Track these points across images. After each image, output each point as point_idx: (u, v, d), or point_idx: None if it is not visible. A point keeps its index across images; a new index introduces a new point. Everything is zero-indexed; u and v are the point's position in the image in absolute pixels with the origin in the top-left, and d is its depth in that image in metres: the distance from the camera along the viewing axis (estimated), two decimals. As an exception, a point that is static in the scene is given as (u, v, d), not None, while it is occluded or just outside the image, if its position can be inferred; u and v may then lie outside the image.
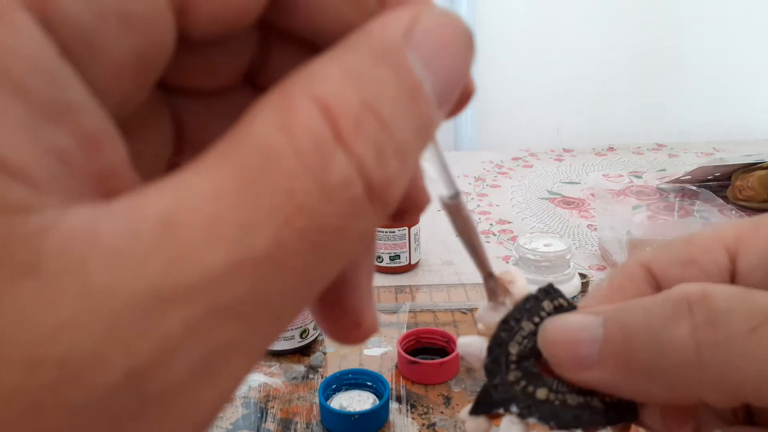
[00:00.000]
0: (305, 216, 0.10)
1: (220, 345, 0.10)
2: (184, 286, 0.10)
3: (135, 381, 0.09)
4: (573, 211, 0.86)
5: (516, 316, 0.22)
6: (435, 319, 0.57)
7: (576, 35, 1.27)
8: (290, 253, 0.10)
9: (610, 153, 1.13)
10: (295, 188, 0.10)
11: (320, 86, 0.11)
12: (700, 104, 1.30)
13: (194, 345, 0.10)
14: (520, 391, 0.20)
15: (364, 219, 0.11)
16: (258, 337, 0.11)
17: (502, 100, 1.29)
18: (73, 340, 0.09)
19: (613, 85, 1.30)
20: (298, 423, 0.44)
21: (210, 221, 0.10)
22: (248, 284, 0.10)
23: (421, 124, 0.12)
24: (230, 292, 0.10)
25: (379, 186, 0.11)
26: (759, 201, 0.80)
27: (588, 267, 0.69)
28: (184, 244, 0.10)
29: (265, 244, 0.10)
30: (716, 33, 1.26)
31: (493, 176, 1.01)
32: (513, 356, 0.21)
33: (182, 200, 0.10)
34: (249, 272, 0.10)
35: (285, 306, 0.11)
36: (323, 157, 0.11)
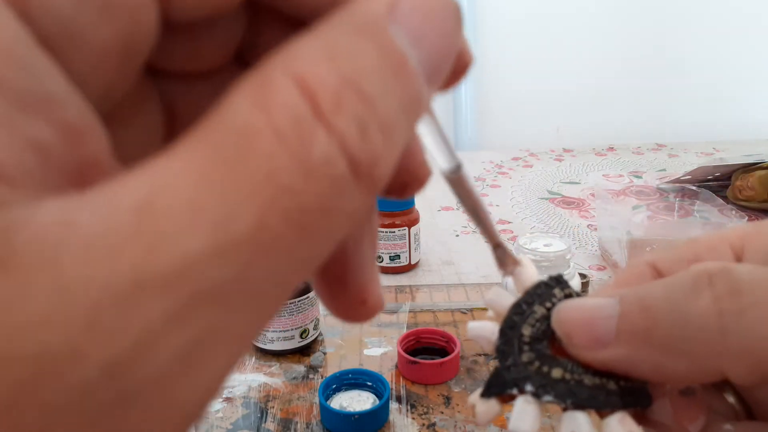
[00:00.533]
0: (288, 196, 0.10)
1: (204, 333, 0.10)
2: (164, 273, 0.09)
3: (114, 375, 0.09)
4: (573, 211, 0.86)
5: (528, 300, 0.22)
6: (435, 319, 0.57)
7: (576, 35, 1.27)
8: (274, 236, 0.10)
9: (610, 153, 1.13)
10: (275, 168, 0.10)
11: (299, 63, 0.11)
12: (700, 104, 1.30)
13: (176, 334, 0.10)
14: (534, 371, 0.20)
15: (350, 198, 0.11)
16: (244, 323, 0.11)
17: (502, 100, 1.29)
18: (47, 334, 0.09)
19: (613, 85, 1.30)
20: (298, 423, 0.44)
21: (188, 206, 0.10)
22: (231, 269, 0.10)
23: (408, 99, 0.12)
24: (212, 277, 0.10)
25: (364, 163, 0.11)
26: (759, 201, 0.80)
27: (588, 267, 0.69)
28: (162, 230, 0.09)
29: (247, 226, 0.10)
30: (716, 33, 1.26)
31: (493, 176, 1.01)
32: (526, 338, 0.21)
33: (158, 186, 0.10)
34: (231, 256, 0.10)
35: (272, 291, 0.11)
36: (303, 135, 0.10)
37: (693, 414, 0.20)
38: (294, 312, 0.51)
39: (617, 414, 0.20)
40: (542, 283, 0.22)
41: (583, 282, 0.58)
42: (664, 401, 0.20)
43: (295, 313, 0.51)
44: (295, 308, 0.51)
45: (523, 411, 0.20)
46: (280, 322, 0.51)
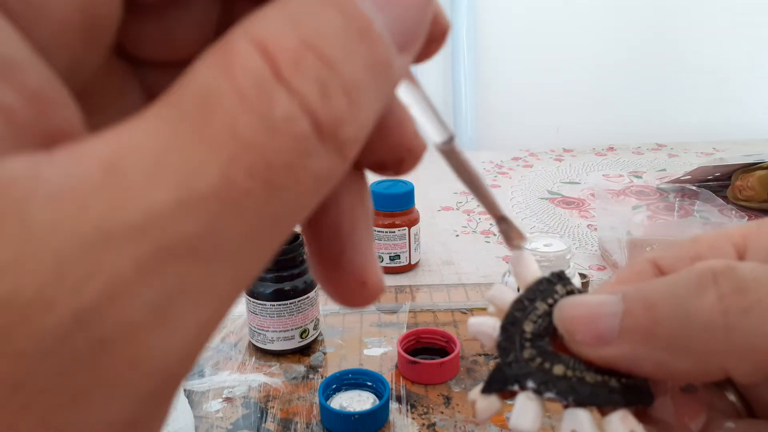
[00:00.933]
0: (253, 152, 0.10)
1: (175, 286, 0.10)
2: (130, 224, 0.09)
3: (83, 323, 0.09)
4: (573, 211, 0.86)
5: (530, 297, 0.21)
6: (435, 319, 0.57)
7: (576, 35, 1.27)
8: (241, 191, 0.10)
9: (610, 153, 1.13)
10: (238, 125, 0.10)
11: (260, 29, 0.11)
12: (700, 104, 1.30)
13: (145, 285, 0.10)
14: (536, 368, 0.20)
15: (316, 158, 0.11)
16: (220, 280, 0.11)
17: (502, 100, 1.30)
18: (15, 281, 0.09)
19: (613, 85, 1.30)
20: (298, 423, 0.44)
21: (153, 162, 0.10)
22: (198, 223, 0.10)
23: (374, 63, 0.12)
24: (179, 230, 0.10)
25: (327, 124, 0.11)
26: (759, 201, 0.80)
27: (588, 267, 0.69)
28: (128, 183, 0.10)
29: (212, 181, 0.10)
30: (716, 33, 1.26)
31: (493, 176, 1.01)
32: (527, 334, 0.21)
33: (125, 145, 0.10)
34: (198, 210, 0.10)
35: (244, 248, 0.11)
36: (265, 94, 0.11)
37: (694, 411, 0.20)
38: (294, 312, 0.51)
39: (619, 411, 0.20)
40: (544, 279, 0.22)
41: (583, 282, 0.58)
42: (666, 399, 0.20)
43: (295, 313, 0.51)
44: (295, 308, 0.51)
45: (525, 407, 0.20)
46: (280, 322, 0.51)
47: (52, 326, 0.09)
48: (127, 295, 0.09)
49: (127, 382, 0.10)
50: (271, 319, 0.51)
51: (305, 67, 0.11)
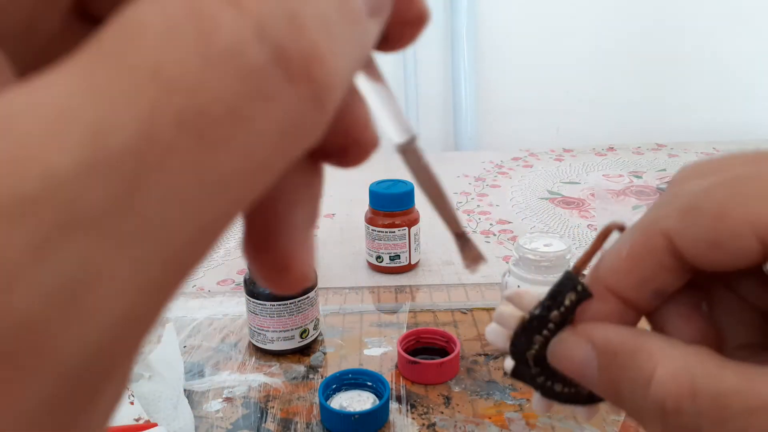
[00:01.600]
0: (179, 96, 0.08)
1: (81, 270, 0.08)
2: (21, 196, 0.08)
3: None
4: (573, 211, 0.86)
5: (530, 324, 0.24)
6: (435, 319, 0.57)
7: (576, 35, 1.27)
8: (166, 148, 0.08)
9: (610, 153, 1.13)
10: (162, 61, 0.08)
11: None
12: (700, 104, 1.30)
13: (44, 271, 0.08)
14: (541, 384, 0.24)
15: (279, 101, 0.09)
16: (138, 260, 0.09)
17: (502, 100, 1.30)
18: None
19: (613, 85, 1.30)
20: (298, 423, 0.44)
21: (56, 117, 0.08)
22: (110, 189, 0.08)
23: (349, 10, 0.10)
24: (84, 200, 0.08)
25: (296, 55, 0.09)
26: (759, 201, 0.80)
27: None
28: (21, 146, 0.08)
29: (129, 135, 0.08)
30: (716, 33, 1.26)
31: (493, 176, 1.01)
32: (530, 361, 0.24)
33: (26, 98, 0.08)
34: (110, 174, 0.08)
35: (173, 220, 0.09)
36: (204, 19, 0.08)
37: None
38: (294, 312, 0.51)
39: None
40: (549, 296, 0.24)
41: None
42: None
43: (295, 313, 0.51)
44: (295, 308, 0.51)
45: (540, 401, 0.25)
46: (280, 322, 0.51)
47: None
48: (20, 284, 0.08)
49: (31, 384, 0.08)
50: (271, 319, 0.51)
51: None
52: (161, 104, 0.08)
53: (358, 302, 0.60)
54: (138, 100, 0.08)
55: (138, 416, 0.43)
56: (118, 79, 0.08)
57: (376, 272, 0.68)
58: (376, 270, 0.68)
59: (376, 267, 0.68)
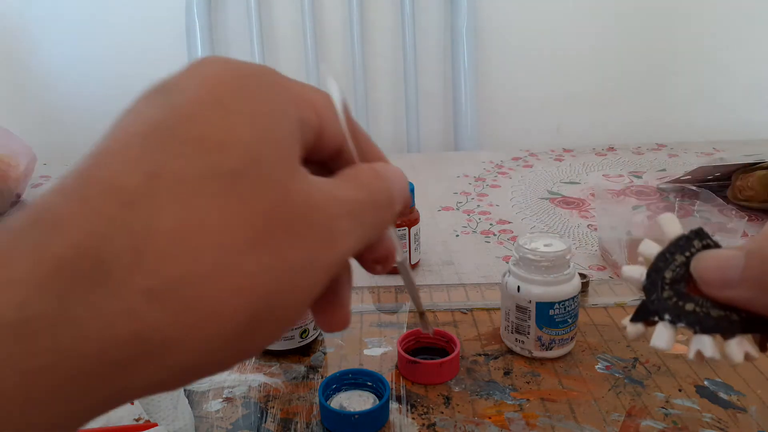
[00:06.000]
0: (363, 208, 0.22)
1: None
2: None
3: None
4: (573, 211, 0.86)
5: (671, 250, 0.28)
6: (435, 319, 0.57)
7: (576, 35, 1.27)
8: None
9: (610, 153, 1.13)
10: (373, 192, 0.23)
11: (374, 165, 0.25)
12: (700, 104, 1.30)
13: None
14: (672, 305, 0.27)
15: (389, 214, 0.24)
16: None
17: (502, 99, 1.30)
18: (312, 277, 0.21)
19: (614, 85, 1.30)
20: (298, 423, 0.44)
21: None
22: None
23: (405, 190, 0.25)
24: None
25: (397, 202, 0.24)
26: (759, 201, 0.80)
27: (588, 267, 0.69)
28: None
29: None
30: (717, 33, 1.26)
31: (493, 176, 1.01)
32: (667, 280, 0.27)
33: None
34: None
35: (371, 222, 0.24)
36: (377, 189, 0.23)
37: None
38: (294, 312, 0.51)
39: (737, 337, 0.26)
40: (683, 236, 0.29)
41: (583, 282, 0.58)
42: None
43: (295, 313, 0.51)
44: (295, 308, 0.51)
45: (662, 333, 0.27)
46: (280, 322, 0.50)
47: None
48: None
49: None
50: (271, 319, 0.50)
51: (387, 189, 0.24)
52: (367, 206, 0.24)
53: (358, 302, 0.60)
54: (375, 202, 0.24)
55: (138, 416, 0.43)
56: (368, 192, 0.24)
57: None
58: (376, 270, 0.68)
59: (376, 267, 0.68)
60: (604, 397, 0.46)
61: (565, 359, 0.50)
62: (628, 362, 0.50)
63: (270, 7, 1.23)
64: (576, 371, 0.49)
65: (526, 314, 0.49)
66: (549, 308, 0.48)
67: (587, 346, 0.52)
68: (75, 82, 1.25)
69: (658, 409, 0.44)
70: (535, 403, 0.45)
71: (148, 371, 0.17)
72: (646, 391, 0.46)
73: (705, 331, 0.26)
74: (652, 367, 0.49)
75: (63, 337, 0.16)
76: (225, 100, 0.19)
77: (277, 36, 1.24)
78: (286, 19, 1.23)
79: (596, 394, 0.46)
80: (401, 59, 1.24)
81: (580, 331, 0.53)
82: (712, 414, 0.43)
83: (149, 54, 1.23)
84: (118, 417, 0.43)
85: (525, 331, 0.49)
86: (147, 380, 0.17)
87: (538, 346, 0.49)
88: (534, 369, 0.49)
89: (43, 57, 1.25)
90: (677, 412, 0.44)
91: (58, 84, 1.26)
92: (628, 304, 0.58)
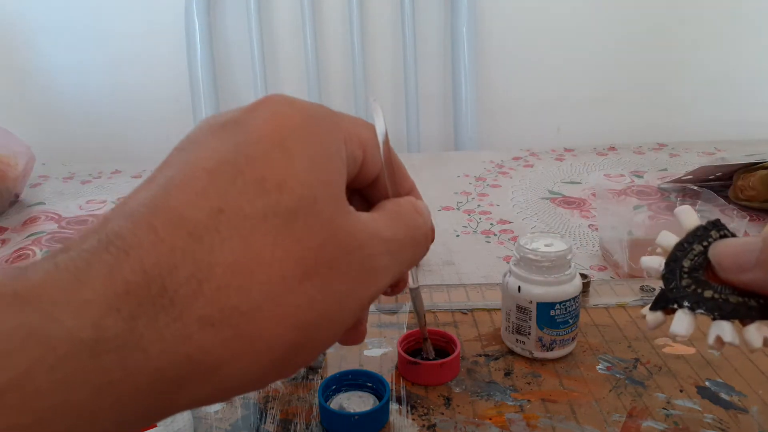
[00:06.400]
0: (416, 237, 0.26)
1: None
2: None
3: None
4: (574, 211, 0.86)
5: (689, 240, 0.29)
6: (435, 319, 0.57)
7: (577, 34, 1.27)
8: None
9: (611, 152, 1.13)
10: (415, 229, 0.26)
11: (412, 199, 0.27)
12: (701, 103, 1.30)
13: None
14: (691, 292, 0.27)
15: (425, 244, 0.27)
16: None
17: (503, 99, 1.29)
18: (353, 304, 0.22)
19: (614, 85, 1.29)
20: (297, 424, 0.44)
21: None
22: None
23: (426, 239, 0.27)
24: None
25: (431, 237, 0.27)
26: (761, 201, 0.80)
27: (589, 267, 0.69)
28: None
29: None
30: (718, 32, 1.26)
31: (493, 176, 1.01)
32: (685, 268, 0.28)
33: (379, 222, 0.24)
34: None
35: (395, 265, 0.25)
36: (417, 225, 0.26)
37: None
38: (294, 312, 0.50)
39: (756, 322, 0.26)
40: (701, 227, 0.29)
41: (584, 282, 0.58)
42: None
43: (294, 314, 0.50)
44: (295, 309, 0.50)
45: (681, 319, 0.27)
46: (279, 322, 0.50)
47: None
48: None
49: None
50: (270, 319, 0.50)
51: (425, 226, 0.26)
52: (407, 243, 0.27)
53: (358, 302, 0.60)
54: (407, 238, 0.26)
55: (137, 417, 0.42)
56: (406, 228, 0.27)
57: (377, 272, 0.68)
58: (377, 270, 0.68)
59: (377, 267, 0.67)
60: (605, 397, 0.45)
61: (566, 360, 0.50)
62: (629, 363, 0.49)
63: (270, 7, 1.23)
64: (577, 372, 0.48)
65: (527, 315, 0.49)
66: (550, 309, 0.48)
67: (588, 346, 0.52)
68: (74, 82, 1.25)
69: (659, 409, 0.44)
70: (536, 404, 0.45)
71: (196, 389, 0.19)
72: (647, 392, 0.46)
73: (724, 317, 0.26)
74: (653, 367, 0.49)
75: (130, 357, 0.17)
76: (287, 142, 0.21)
77: (277, 37, 1.24)
78: (286, 19, 1.23)
79: (597, 394, 0.46)
80: (401, 59, 1.23)
81: (581, 332, 0.53)
82: (714, 415, 0.43)
83: (148, 54, 1.23)
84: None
85: (526, 331, 0.49)
86: (195, 396, 0.19)
87: (539, 347, 0.49)
88: (535, 370, 0.49)
89: (42, 57, 1.25)
90: (678, 412, 0.44)
91: (56, 84, 1.26)
92: (629, 305, 0.58)
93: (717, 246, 0.28)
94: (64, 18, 1.22)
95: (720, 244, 0.28)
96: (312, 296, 0.20)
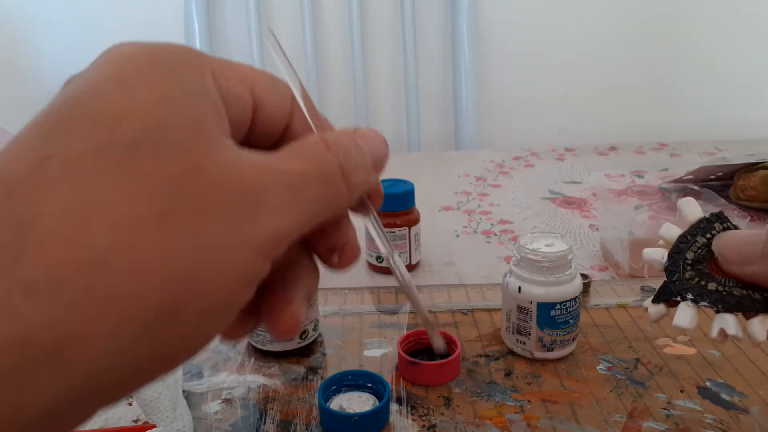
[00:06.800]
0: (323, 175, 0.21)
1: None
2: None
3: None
4: (575, 211, 0.86)
5: (692, 232, 0.29)
6: (435, 319, 0.57)
7: (577, 34, 1.26)
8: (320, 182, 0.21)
9: (612, 152, 1.12)
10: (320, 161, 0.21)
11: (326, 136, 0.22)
12: (702, 103, 1.30)
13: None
14: (694, 285, 0.27)
15: (338, 185, 0.21)
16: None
17: (503, 99, 1.29)
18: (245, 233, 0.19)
19: (615, 84, 1.29)
20: (297, 425, 0.44)
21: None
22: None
23: (365, 166, 0.23)
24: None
25: (346, 171, 0.22)
26: (761, 201, 0.79)
27: (590, 267, 0.69)
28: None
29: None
30: (719, 32, 1.26)
31: (494, 176, 1.01)
32: (689, 260, 0.28)
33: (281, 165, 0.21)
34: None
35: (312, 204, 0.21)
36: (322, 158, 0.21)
37: None
38: (293, 313, 0.50)
39: (759, 316, 0.26)
40: (704, 219, 0.29)
41: (585, 282, 0.58)
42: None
43: (294, 314, 0.50)
44: (295, 309, 0.50)
45: (684, 312, 0.27)
46: (279, 322, 0.50)
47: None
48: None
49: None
50: (270, 319, 0.50)
51: (337, 160, 0.21)
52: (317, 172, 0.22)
53: (358, 303, 0.60)
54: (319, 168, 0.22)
55: (136, 417, 0.42)
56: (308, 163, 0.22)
57: (376, 273, 0.68)
58: (376, 270, 0.68)
59: (376, 267, 0.67)
60: (605, 398, 0.45)
61: (566, 360, 0.50)
62: (629, 363, 0.49)
63: (269, 7, 1.22)
64: (577, 372, 0.48)
65: (528, 315, 0.49)
66: (550, 309, 0.48)
67: (589, 347, 0.51)
68: (75, 82, 1.25)
69: (659, 410, 0.44)
70: (537, 405, 0.45)
71: (45, 381, 0.14)
72: (647, 393, 0.46)
73: (727, 309, 0.26)
74: (654, 368, 0.49)
75: None
76: (124, 73, 0.18)
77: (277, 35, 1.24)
78: (286, 19, 1.23)
79: (598, 395, 0.46)
80: (401, 59, 1.23)
81: (581, 332, 0.53)
82: (714, 415, 0.43)
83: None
84: (116, 418, 0.42)
85: (526, 331, 0.49)
86: (52, 392, 0.14)
87: (539, 347, 0.49)
88: (535, 370, 0.49)
89: (42, 57, 1.25)
90: (679, 413, 0.44)
91: (56, 84, 1.26)
92: (630, 305, 0.57)
93: (721, 238, 0.28)
94: (63, 17, 1.22)
95: (724, 236, 0.28)
96: (177, 240, 0.16)
